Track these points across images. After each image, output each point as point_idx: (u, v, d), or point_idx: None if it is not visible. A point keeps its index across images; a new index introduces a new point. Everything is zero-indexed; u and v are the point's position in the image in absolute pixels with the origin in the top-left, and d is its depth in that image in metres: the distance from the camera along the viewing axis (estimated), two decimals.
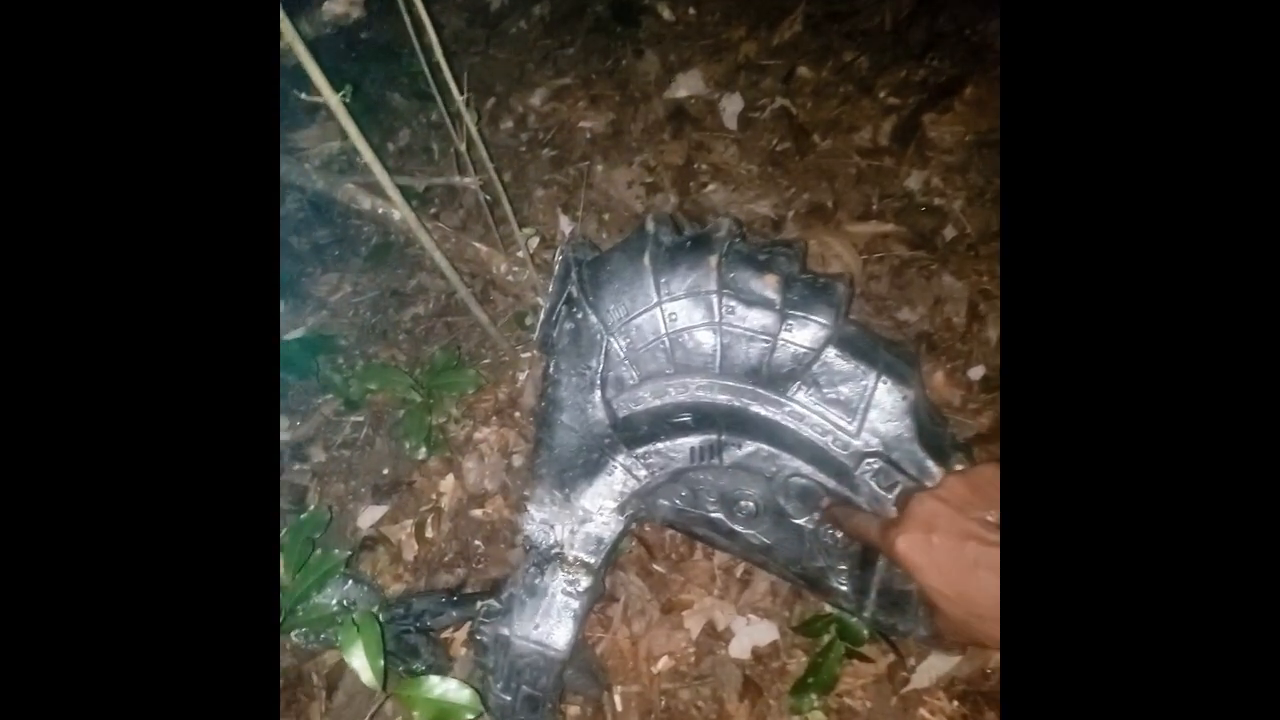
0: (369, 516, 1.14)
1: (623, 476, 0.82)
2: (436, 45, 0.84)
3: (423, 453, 1.16)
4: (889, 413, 0.79)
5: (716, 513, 0.84)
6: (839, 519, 0.80)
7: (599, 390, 0.83)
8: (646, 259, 0.81)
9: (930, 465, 0.78)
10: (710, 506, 0.85)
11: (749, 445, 0.81)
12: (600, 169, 1.38)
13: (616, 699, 0.97)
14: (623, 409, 0.83)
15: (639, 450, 0.82)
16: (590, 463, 0.83)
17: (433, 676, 0.79)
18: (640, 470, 0.82)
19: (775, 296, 0.79)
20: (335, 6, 1.50)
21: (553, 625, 0.80)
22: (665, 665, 0.98)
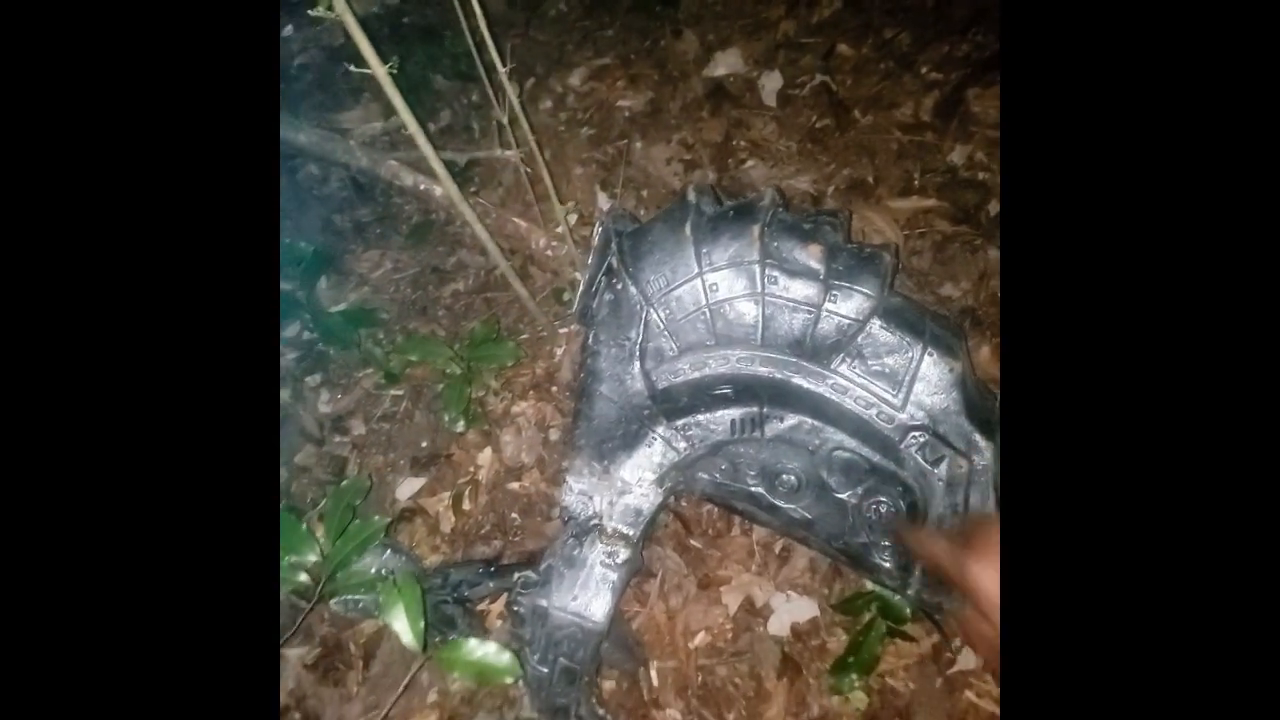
0: (407, 488, 1.15)
1: (662, 448, 0.82)
2: (482, 21, 0.84)
3: (461, 426, 1.17)
4: (935, 386, 0.78)
5: (757, 487, 0.84)
6: (907, 538, 0.78)
7: (638, 361, 0.83)
8: (688, 229, 0.81)
9: (979, 439, 0.77)
10: (751, 480, 0.84)
11: (791, 418, 0.80)
12: (639, 146, 1.37)
13: (653, 674, 0.96)
14: (662, 380, 0.83)
15: (678, 422, 0.82)
16: (629, 434, 0.83)
17: (472, 640, 0.80)
18: (680, 442, 0.82)
19: (819, 266, 0.78)
20: None
21: (590, 597, 0.80)
22: (702, 641, 0.98)
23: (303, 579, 0.86)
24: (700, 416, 0.82)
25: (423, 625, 0.78)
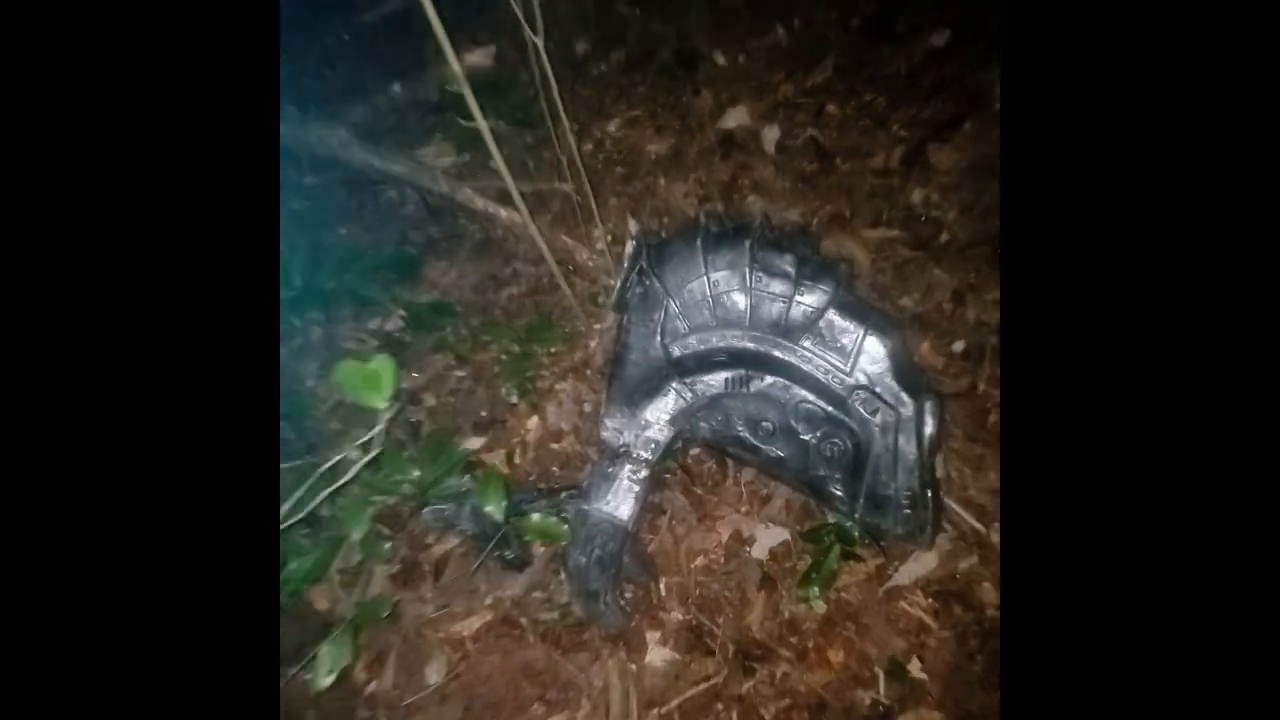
0: (471, 444, 1.45)
1: (674, 398, 1.12)
2: (553, 82, 1.17)
3: (515, 398, 1.47)
4: (874, 358, 1.07)
5: (743, 432, 1.13)
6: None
7: (659, 337, 1.13)
8: (698, 241, 1.11)
9: (904, 396, 1.06)
10: (739, 427, 1.14)
11: (769, 379, 1.10)
12: (662, 183, 1.70)
13: (662, 586, 1.25)
14: (676, 350, 1.13)
15: (687, 379, 1.12)
16: (652, 387, 1.13)
17: (536, 513, 1.10)
18: (688, 394, 1.12)
19: (792, 270, 1.08)
20: (473, 57, 1.87)
21: (620, 502, 1.10)
22: (701, 562, 1.26)
23: (406, 489, 1.16)
24: (703, 376, 1.12)
25: (505, 502, 1.08)
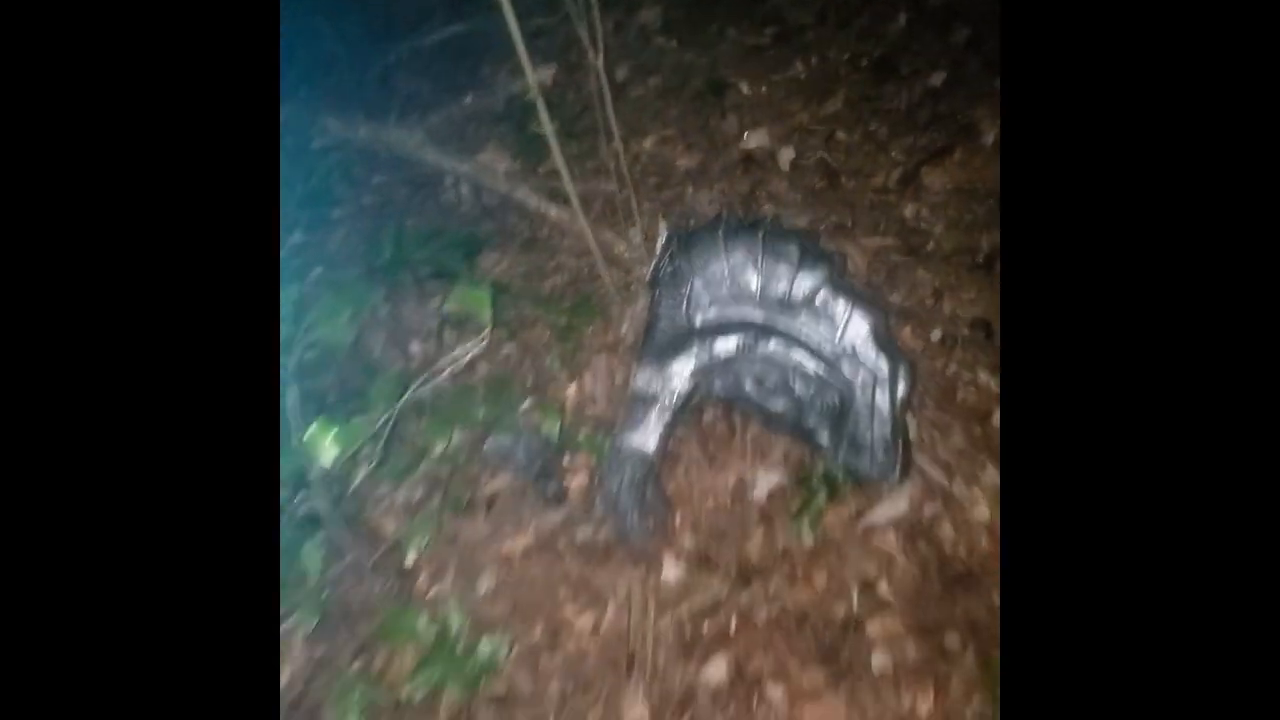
0: (524, 404, 1.71)
1: (695, 357, 1.38)
2: (608, 96, 1.44)
3: (557, 367, 1.73)
4: (858, 329, 1.32)
5: (750, 389, 1.38)
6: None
7: (684, 307, 1.39)
8: (719, 231, 1.38)
9: (882, 362, 1.31)
10: (746, 385, 1.39)
11: (773, 344, 1.35)
12: (690, 192, 1.97)
13: (676, 519, 1.49)
14: (698, 319, 1.39)
15: (706, 342, 1.38)
16: (677, 348, 1.39)
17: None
18: (706, 354, 1.37)
19: (795, 256, 1.34)
20: (541, 75, 2.17)
21: (648, 437, 1.35)
22: (710, 502, 1.50)
23: (476, 417, 1.42)
24: (719, 340, 1.37)
25: (558, 425, 1.34)
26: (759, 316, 1.36)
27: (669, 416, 1.37)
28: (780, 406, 1.37)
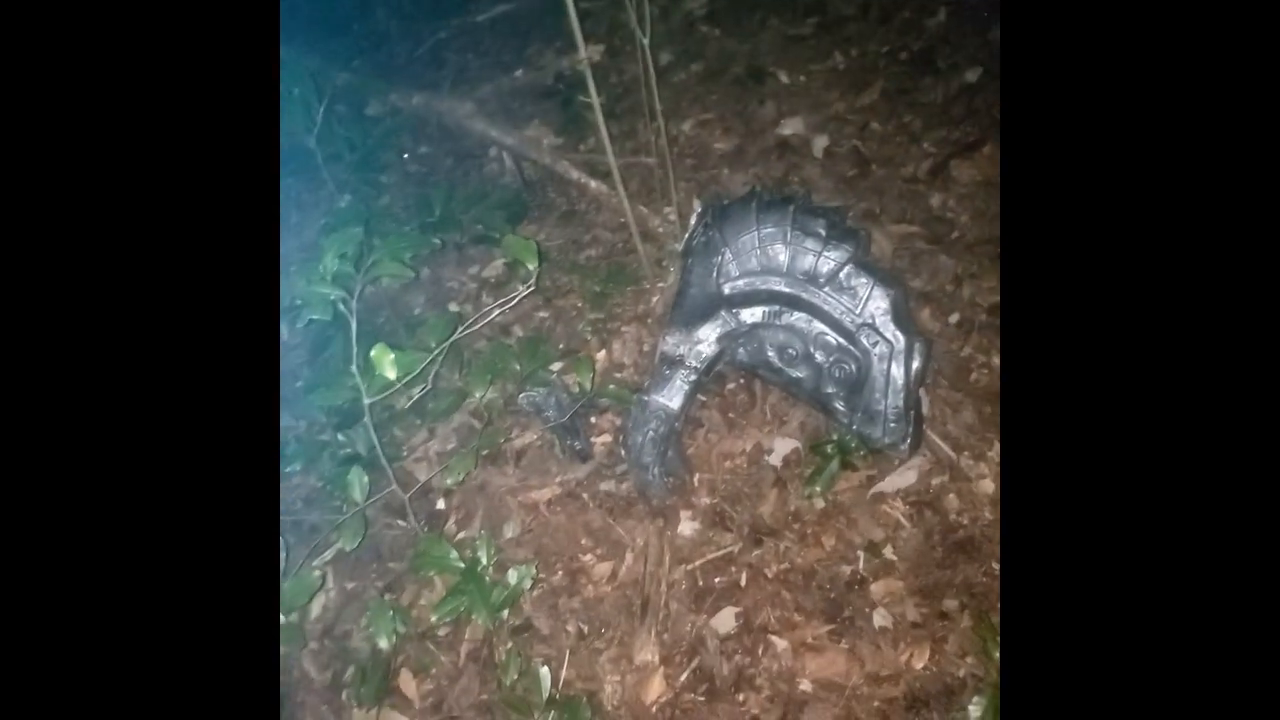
0: (553, 367, 1.79)
1: (723, 323, 1.45)
2: (653, 74, 1.52)
3: (589, 335, 1.82)
4: (879, 304, 1.38)
5: (773, 356, 1.45)
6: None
7: (715, 276, 1.46)
8: (752, 205, 1.45)
9: (899, 335, 1.37)
10: (769, 352, 1.46)
11: (796, 314, 1.42)
12: (725, 174, 2.04)
13: (695, 480, 1.56)
14: (727, 288, 1.46)
15: (734, 310, 1.45)
16: (705, 314, 1.46)
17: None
18: (733, 321, 1.45)
19: (823, 232, 1.41)
20: (590, 53, 2.25)
21: (673, 395, 1.43)
22: (728, 465, 1.58)
23: (512, 370, 1.51)
24: (746, 309, 1.44)
25: (591, 375, 1.42)
26: (785, 287, 1.43)
27: (694, 378, 1.44)
28: (800, 374, 1.44)
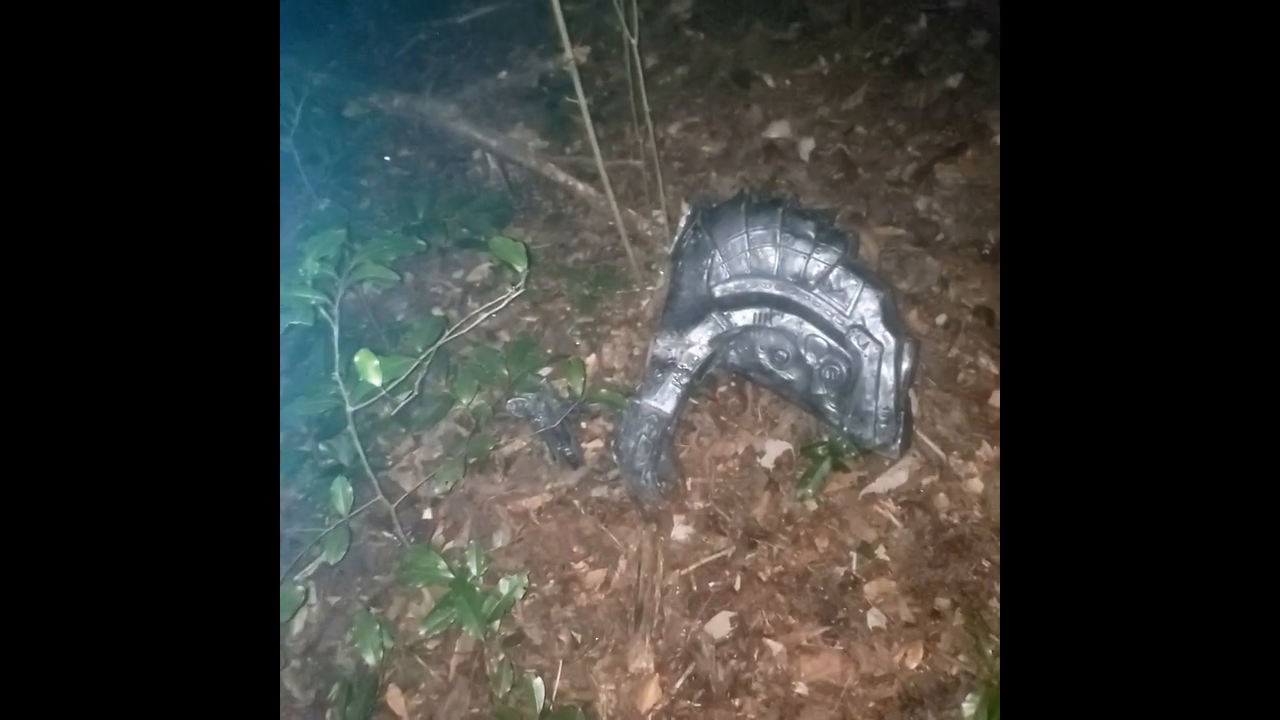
0: (541, 371, 1.78)
1: (714, 325, 1.45)
2: (641, 76, 1.51)
3: (578, 339, 1.81)
4: (868, 304, 1.39)
5: (764, 358, 1.45)
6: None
7: (705, 278, 1.46)
8: (742, 207, 1.45)
9: (889, 336, 1.38)
10: (760, 355, 1.46)
11: (787, 317, 1.43)
12: (713, 177, 2.04)
13: (688, 484, 1.56)
14: (718, 290, 1.46)
15: (725, 312, 1.45)
16: (696, 317, 1.46)
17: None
18: (724, 324, 1.45)
19: (812, 234, 1.41)
20: (575, 54, 2.25)
21: (665, 399, 1.42)
22: (720, 468, 1.58)
23: (500, 376, 1.49)
24: (737, 311, 1.44)
25: (583, 379, 1.41)
26: (776, 289, 1.43)
27: (686, 380, 1.44)
28: (791, 376, 1.44)
